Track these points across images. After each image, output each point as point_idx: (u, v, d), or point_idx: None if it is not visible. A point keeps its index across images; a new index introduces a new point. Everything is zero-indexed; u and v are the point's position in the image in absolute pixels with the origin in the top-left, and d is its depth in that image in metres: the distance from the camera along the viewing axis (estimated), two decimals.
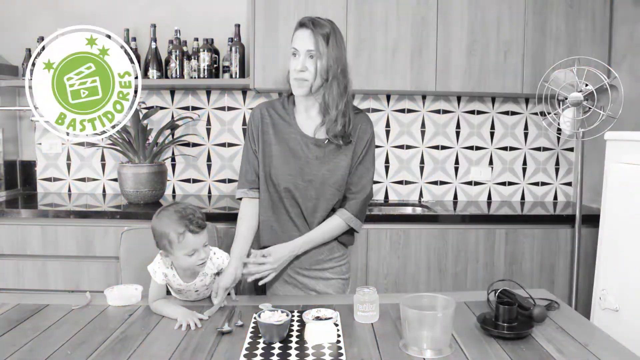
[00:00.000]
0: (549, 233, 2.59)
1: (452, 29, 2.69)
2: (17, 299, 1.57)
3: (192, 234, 1.43)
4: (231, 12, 2.93)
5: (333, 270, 1.74)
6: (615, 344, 1.29)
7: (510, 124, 3.07)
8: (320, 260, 1.71)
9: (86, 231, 2.46)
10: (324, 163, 1.65)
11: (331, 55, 1.59)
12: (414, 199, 3.08)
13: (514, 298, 1.44)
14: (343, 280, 1.76)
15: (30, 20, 2.95)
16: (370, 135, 1.70)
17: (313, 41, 1.58)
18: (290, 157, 1.66)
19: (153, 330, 1.35)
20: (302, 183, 1.65)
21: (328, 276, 1.73)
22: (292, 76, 1.62)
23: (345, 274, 1.77)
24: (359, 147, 1.68)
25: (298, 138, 1.67)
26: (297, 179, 1.65)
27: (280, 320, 1.27)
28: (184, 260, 1.45)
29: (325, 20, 1.63)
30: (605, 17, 2.73)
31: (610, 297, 2.04)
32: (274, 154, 1.67)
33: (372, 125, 1.73)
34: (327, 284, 1.73)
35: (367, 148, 1.69)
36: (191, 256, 1.45)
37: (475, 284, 2.57)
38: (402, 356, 1.21)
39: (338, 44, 1.61)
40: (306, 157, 1.65)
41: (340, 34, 1.64)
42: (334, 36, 1.60)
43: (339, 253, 1.75)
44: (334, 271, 1.74)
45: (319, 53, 1.58)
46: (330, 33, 1.59)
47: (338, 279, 1.75)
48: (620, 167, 2.07)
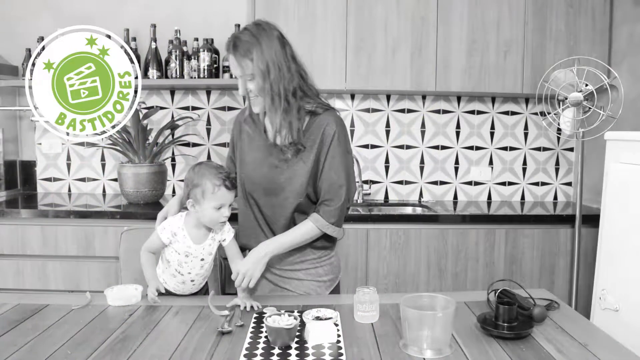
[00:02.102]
0: (549, 233, 2.59)
1: (452, 29, 2.69)
2: (17, 299, 1.57)
3: (226, 189, 1.53)
4: (231, 12, 2.93)
5: (307, 272, 1.68)
6: (615, 344, 1.29)
7: (510, 124, 3.07)
8: (292, 261, 1.67)
9: (86, 231, 2.46)
10: (283, 171, 1.62)
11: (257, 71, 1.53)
12: (414, 199, 3.08)
13: (514, 298, 1.44)
14: (319, 283, 1.69)
15: (30, 20, 2.95)
16: (332, 138, 1.59)
17: (237, 65, 1.55)
18: (257, 165, 1.66)
19: (153, 330, 1.35)
20: (264, 190, 1.65)
21: (301, 277, 1.68)
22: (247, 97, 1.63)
23: (322, 277, 1.70)
24: (323, 152, 1.59)
25: (263, 146, 1.67)
26: (260, 187, 1.65)
27: (290, 324, 1.26)
28: (210, 212, 1.53)
29: (247, 31, 1.56)
30: (605, 17, 2.73)
31: (610, 297, 2.04)
32: (246, 161, 1.70)
33: (337, 124, 1.61)
34: (299, 284, 1.68)
35: (331, 151, 1.59)
36: (218, 209, 1.53)
37: (475, 284, 2.57)
38: (402, 356, 1.21)
39: (265, 53, 1.52)
40: (270, 165, 1.64)
41: (267, 35, 1.55)
42: (257, 47, 1.52)
43: (313, 255, 1.68)
44: (308, 272, 1.68)
45: (249, 75, 1.54)
46: (252, 45, 1.52)
47: (312, 280, 1.68)
48: (620, 167, 2.07)
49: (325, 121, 1.60)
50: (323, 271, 1.70)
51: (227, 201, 1.55)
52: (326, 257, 1.71)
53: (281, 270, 1.68)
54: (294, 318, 1.29)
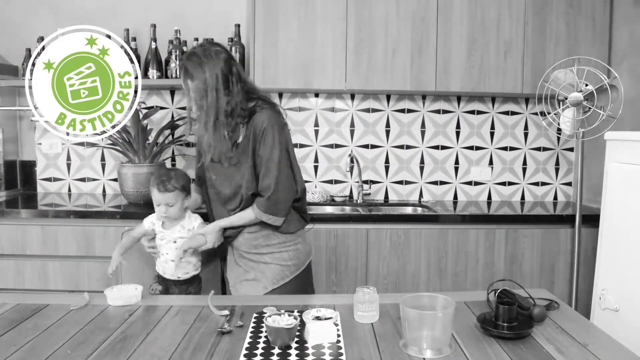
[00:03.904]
0: (549, 233, 2.59)
1: (452, 29, 2.69)
2: (17, 299, 1.57)
3: (157, 191, 1.86)
4: (231, 12, 2.93)
5: (272, 256, 1.86)
6: (615, 344, 1.29)
7: (510, 124, 3.07)
8: (258, 245, 1.86)
9: (86, 231, 2.46)
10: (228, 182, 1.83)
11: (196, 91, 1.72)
12: (414, 199, 3.08)
13: (514, 298, 1.44)
14: (282, 267, 1.86)
15: (30, 20, 2.95)
16: (262, 135, 1.75)
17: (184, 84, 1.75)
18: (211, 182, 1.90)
19: (153, 330, 1.35)
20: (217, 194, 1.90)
21: (267, 260, 1.86)
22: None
23: (287, 261, 1.87)
24: (256, 149, 1.78)
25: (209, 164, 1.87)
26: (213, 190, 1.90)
27: (290, 324, 1.26)
28: (156, 208, 1.90)
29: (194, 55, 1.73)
30: (605, 17, 2.73)
31: (610, 297, 2.04)
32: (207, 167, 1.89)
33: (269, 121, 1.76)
34: (265, 267, 1.86)
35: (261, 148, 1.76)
36: (158, 206, 1.88)
37: (475, 284, 2.57)
38: (402, 356, 1.21)
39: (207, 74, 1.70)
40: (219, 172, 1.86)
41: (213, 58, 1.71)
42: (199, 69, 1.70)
43: (277, 240, 1.86)
44: (273, 257, 1.86)
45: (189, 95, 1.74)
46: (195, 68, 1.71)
47: (277, 264, 1.86)
48: (620, 167, 2.07)
49: (259, 119, 1.76)
50: (287, 256, 1.87)
51: (161, 201, 1.86)
52: (291, 243, 1.88)
53: (250, 254, 1.87)
54: (294, 318, 1.29)
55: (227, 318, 1.41)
